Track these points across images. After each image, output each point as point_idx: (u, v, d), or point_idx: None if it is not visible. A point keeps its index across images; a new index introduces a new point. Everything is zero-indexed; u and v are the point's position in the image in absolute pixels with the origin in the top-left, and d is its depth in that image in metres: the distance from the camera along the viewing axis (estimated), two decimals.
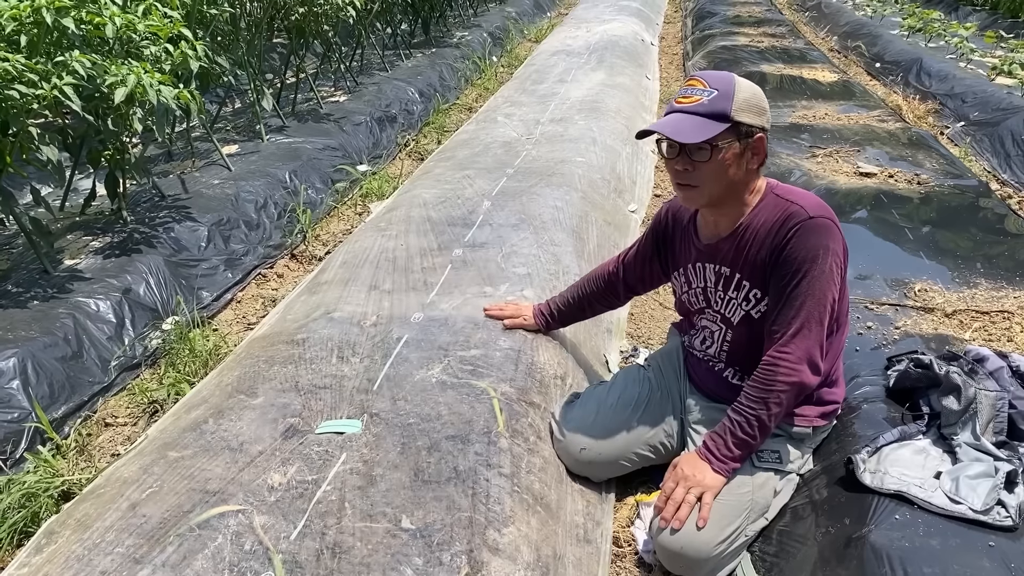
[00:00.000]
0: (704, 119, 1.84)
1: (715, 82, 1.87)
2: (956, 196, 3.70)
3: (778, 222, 1.90)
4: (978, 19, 9.37)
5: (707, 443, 1.93)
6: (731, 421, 1.91)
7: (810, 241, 1.85)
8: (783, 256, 1.88)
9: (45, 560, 1.77)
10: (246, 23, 5.08)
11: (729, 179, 1.90)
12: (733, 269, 2.01)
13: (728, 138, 1.84)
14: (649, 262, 2.31)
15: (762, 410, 1.87)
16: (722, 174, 1.88)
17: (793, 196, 1.93)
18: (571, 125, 5.17)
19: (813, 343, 1.87)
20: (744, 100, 1.84)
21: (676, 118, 1.87)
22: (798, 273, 1.86)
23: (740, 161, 1.89)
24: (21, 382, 2.54)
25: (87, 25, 3.15)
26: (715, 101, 1.84)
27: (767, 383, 1.87)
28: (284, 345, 2.55)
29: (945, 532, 1.70)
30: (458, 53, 8.20)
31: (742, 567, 1.92)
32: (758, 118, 1.87)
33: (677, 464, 1.94)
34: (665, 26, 11.41)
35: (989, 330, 2.60)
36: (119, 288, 3.11)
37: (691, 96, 1.87)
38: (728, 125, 1.83)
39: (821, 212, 1.87)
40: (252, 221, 4.00)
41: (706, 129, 1.82)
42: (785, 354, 1.86)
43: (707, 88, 1.86)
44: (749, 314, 2.01)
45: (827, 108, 5.46)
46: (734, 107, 1.83)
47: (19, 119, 2.81)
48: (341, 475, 1.90)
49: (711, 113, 1.84)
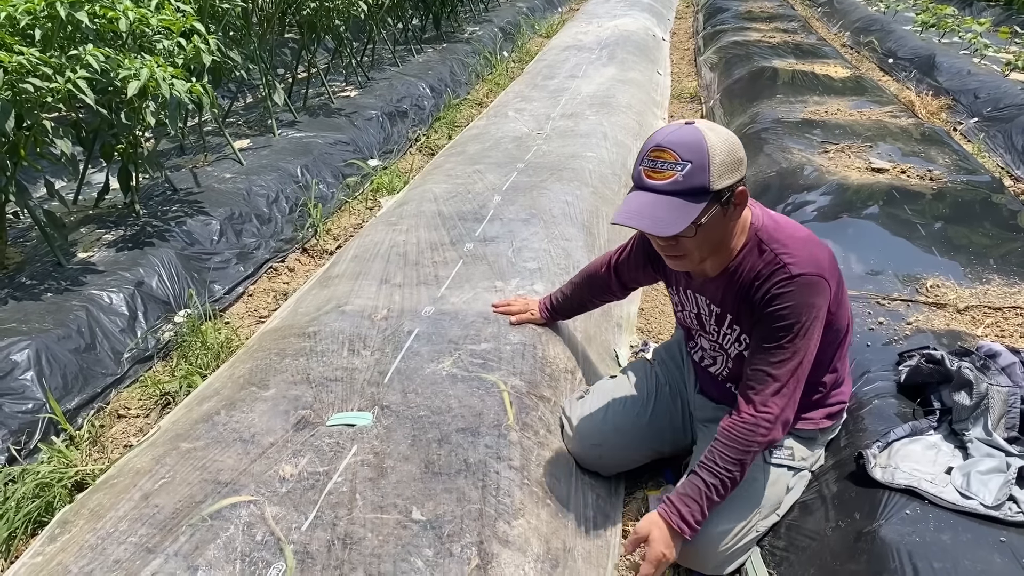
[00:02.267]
0: (681, 200, 1.66)
1: (686, 152, 1.66)
2: (969, 192, 3.68)
3: (764, 275, 1.79)
4: (992, 15, 9.30)
5: (680, 510, 1.79)
6: (706, 484, 1.78)
7: (796, 300, 1.75)
8: (767, 312, 1.79)
9: (59, 549, 1.79)
10: (258, 18, 5.10)
11: (716, 240, 1.79)
12: (724, 309, 1.94)
13: (710, 209, 1.69)
14: (642, 269, 2.25)
15: (737, 471, 1.78)
16: (708, 240, 1.76)
17: (779, 245, 1.80)
18: (582, 120, 5.17)
19: (792, 402, 1.79)
20: (720, 164, 1.66)
21: (649, 203, 1.69)
22: (781, 332, 1.76)
23: (724, 220, 1.75)
24: (35, 374, 2.56)
25: (100, 19, 3.18)
26: (691, 176, 1.65)
27: (745, 444, 1.77)
28: (295, 338, 2.56)
29: (956, 527, 1.70)
30: (469, 48, 8.20)
31: (752, 561, 1.92)
32: (736, 173, 1.70)
33: (649, 537, 1.79)
34: (677, 21, 11.38)
35: (1002, 326, 2.59)
36: (132, 281, 3.13)
37: (662, 172, 1.68)
38: (709, 198, 1.67)
39: (807, 268, 1.76)
40: (264, 215, 4.01)
41: (687, 212, 1.66)
42: (765, 414, 1.77)
43: (678, 161, 1.66)
44: (743, 353, 1.95)
45: (839, 104, 5.42)
46: (712, 178, 1.65)
47: (33, 113, 2.83)
48: (352, 467, 1.91)
49: (688, 191, 1.66)
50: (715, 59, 7.61)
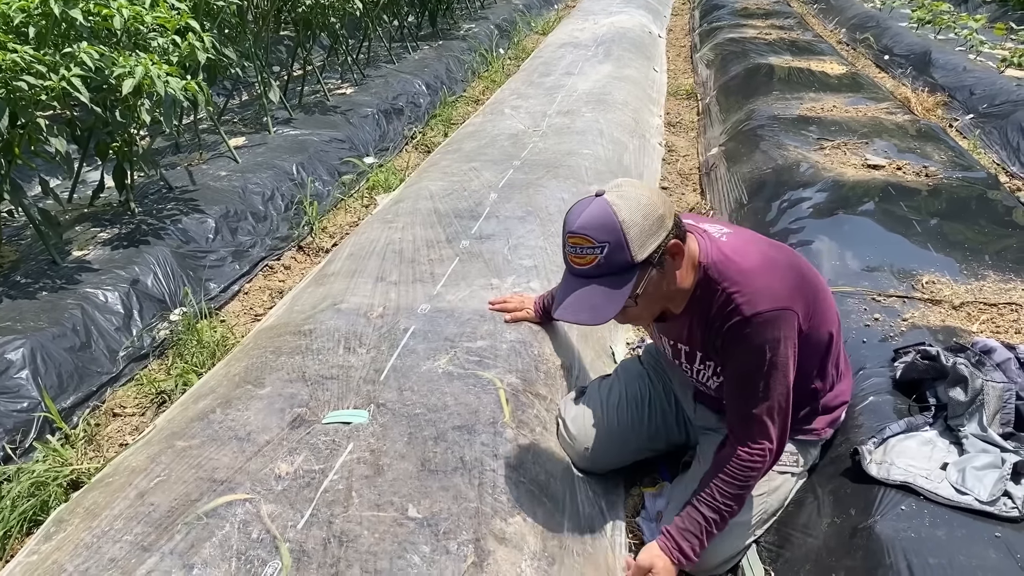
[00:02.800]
0: (610, 279, 1.66)
1: (599, 234, 1.64)
2: (965, 188, 3.68)
3: (719, 317, 1.76)
4: (988, 11, 9.31)
5: (681, 544, 1.81)
6: (705, 519, 1.79)
7: (757, 341, 1.72)
8: (732, 356, 1.78)
9: (54, 548, 1.79)
10: (253, 15, 5.09)
11: (663, 296, 1.78)
12: (692, 347, 1.93)
13: (643, 277, 1.68)
14: None
15: (736, 505, 1.80)
16: (655, 298, 1.76)
17: (730, 283, 1.74)
18: (578, 117, 5.16)
19: (783, 431, 1.79)
20: (638, 235, 1.63)
21: (583, 293, 1.68)
22: (751, 374, 1.75)
23: (663, 279, 1.73)
24: (31, 372, 2.56)
25: (95, 17, 3.17)
26: (611, 256, 1.64)
27: (743, 480, 1.78)
28: (291, 336, 2.55)
29: (951, 523, 1.70)
30: (465, 45, 8.18)
31: (748, 558, 1.92)
32: (659, 235, 1.66)
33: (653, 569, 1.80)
34: (673, 18, 11.37)
35: (997, 322, 2.59)
36: (127, 279, 3.13)
37: (584, 256, 1.66)
38: (637, 270, 1.66)
39: (762, 305, 1.71)
40: (259, 213, 4.01)
41: (618, 294, 1.66)
42: (758, 450, 1.77)
43: (595, 244, 1.64)
44: (722, 385, 1.93)
45: (835, 100, 5.43)
46: (633, 251, 1.64)
47: (28, 111, 2.82)
48: (348, 464, 1.91)
49: (614, 270, 1.66)
50: (711, 56, 7.61)
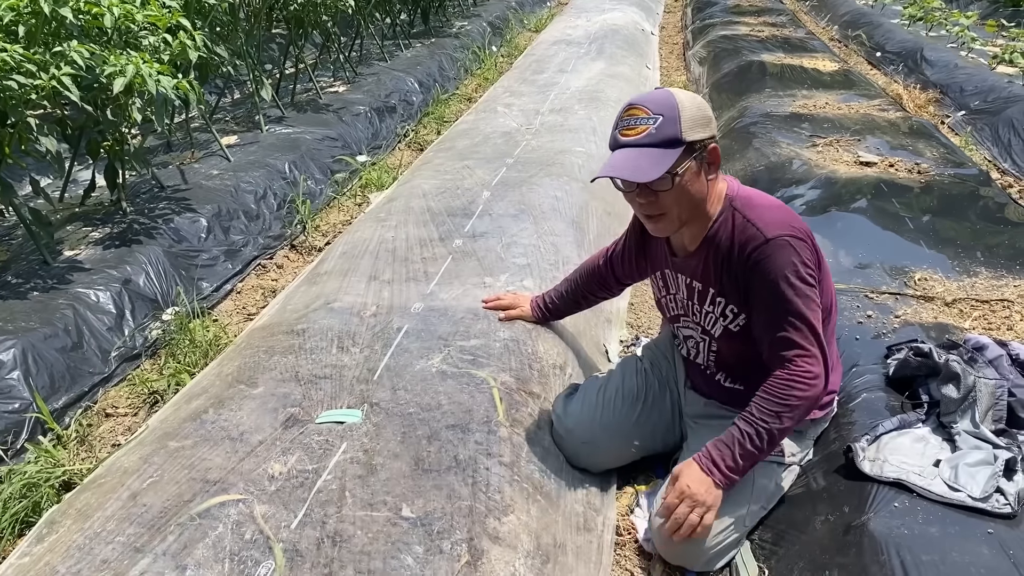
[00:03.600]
0: (657, 149, 1.77)
1: (657, 106, 1.79)
2: (957, 185, 3.69)
3: (738, 246, 1.85)
4: (979, 8, 9.33)
5: (712, 454, 1.83)
6: (740, 432, 1.81)
7: (774, 264, 1.79)
8: (755, 283, 1.83)
9: (47, 549, 1.78)
10: (245, 13, 5.06)
11: (693, 198, 1.84)
12: (705, 284, 1.97)
13: (684, 161, 1.78)
14: (635, 258, 2.27)
15: (775, 423, 1.78)
16: (686, 196, 1.83)
17: (750, 213, 1.86)
18: (571, 115, 5.16)
19: (819, 358, 1.81)
20: (691, 118, 1.77)
21: (628, 155, 1.80)
22: (775, 296, 1.80)
23: (699, 177, 1.83)
24: (22, 373, 2.54)
25: (85, 15, 3.15)
26: (663, 128, 1.77)
27: (783, 397, 1.79)
28: (284, 335, 2.55)
29: (944, 519, 1.71)
30: (458, 43, 8.17)
31: (741, 555, 1.92)
32: (706, 130, 1.81)
33: (678, 476, 1.84)
34: (665, 15, 11.38)
35: (989, 319, 2.60)
36: (119, 279, 3.11)
37: (636, 127, 1.80)
38: (683, 148, 1.77)
39: (778, 231, 1.81)
40: (252, 212, 3.99)
41: (663, 160, 1.76)
42: (798, 369, 1.79)
43: (650, 115, 1.78)
44: (728, 328, 1.97)
45: (828, 97, 5.44)
46: (683, 128, 1.76)
47: (18, 110, 2.80)
48: (341, 464, 1.91)
49: (662, 141, 1.77)
50: (704, 53, 7.62)
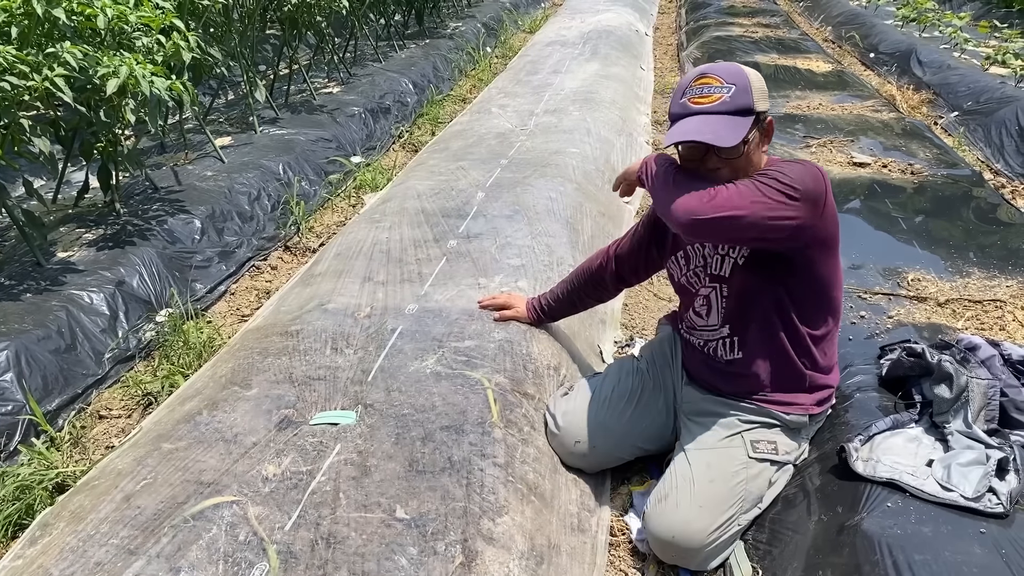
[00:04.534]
0: (732, 117, 1.83)
1: (729, 77, 1.86)
2: (949, 186, 3.71)
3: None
4: (972, 9, 9.36)
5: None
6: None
7: (786, 165, 1.87)
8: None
9: (40, 552, 1.77)
10: (239, 14, 5.05)
11: (752, 166, 1.91)
12: None
13: (753, 130, 1.87)
14: (646, 249, 2.28)
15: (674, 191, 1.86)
16: (748, 164, 1.90)
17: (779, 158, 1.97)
18: (565, 116, 5.16)
19: (717, 200, 1.79)
20: (759, 90, 1.87)
21: (704, 121, 1.84)
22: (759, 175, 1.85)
23: (759, 147, 1.92)
24: (15, 375, 2.53)
25: (78, 16, 3.14)
26: (736, 97, 1.84)
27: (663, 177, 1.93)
28: (278, 337, 2.54)
29: (937, 519, 1.71)
30: (452, 44, 8.17)
31: (735, 555, 1.93)
32: (767, 102, 1.90)
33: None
34: (659, 16, 11.39)
35: (982, 319, 2.61)
36: (112, 280, 3.11)
37: (709, 95, 1.85)
38: (753, 118, 1.85)
39: (804, 162, 1.89)
40: (246, 213, 3.99)
41: (739, 128, 1.83)
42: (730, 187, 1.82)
43: (724, 84, 1.85)
44: (736, 262, 1.98)
45: (821, 98, 5.46)
46: (754, 99, 1.85)
47: (10, 111, 2.79)
48: (335, 466, 1.90)
49: (737, 110, 1.83)
50: (698, 54, 7.63)
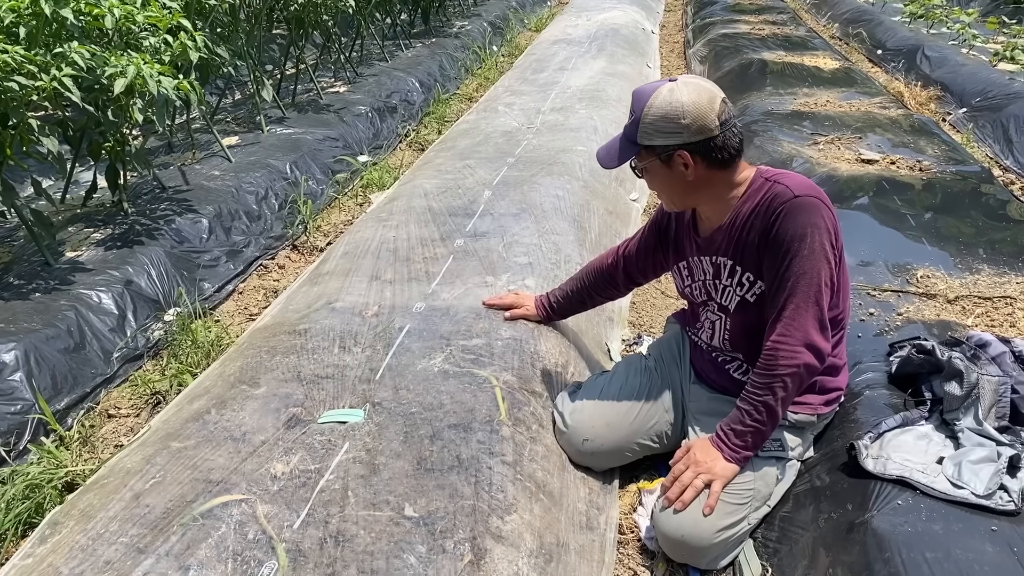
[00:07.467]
0: (625, 142, 1.92)
1: (636, 105, 1.88)
2: (958, 182, 3.69)
3: (763, 203, 1.89)
4: (980, 5, 9.32)
5: (719, 431, 1.92)
6: (740, 410, 1.90)
7: (797, 220, 1.82)
8: (772, 238, 1.86)
9: (50, 550, 1.78)
10: (245, 14, 5.06)
11: (680, 188, 1.94)
12: (727, 257, 2.00)
13: (648, 159, 1.90)
14: (652, 253, 2.28)
15: (768, 396, 1.85)
16: (667, 185, 1.95)
17: (781, 177, 1.92)
18: (572, 114, 5.16)
19: (810, 324, 1.83)
20: (652, 123, 1.85)
21: (613, 140, 1.96)
22: (788, 254, 1.83)
23: (675, 174, 1.90)
24: (24, 374, 2.54)
25: (86, 16, 3.15)
26: (630, 127, 1.90)
27: (770, 369, 1.85)
28: (286, 335, 2.55)
29: (947, 517, 1.70)
30: (458, 43, 8.17)
31: (745, 553, 1.92)
32: (673, 135, 1.84)
33: (690, 448, 1.94)
34: (666, 14, 11.37)
35: (992, 316, 2.60)
36: (121, 280, 3.11)
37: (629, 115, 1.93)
38: (639, 149, 1.90)
39: (807, 191, 1.85)
40: (253, 212, 3.99)
41: (625, 154, 1.92)
42: (783, 339, 1.84)
43: (631, 111, 1.90)
44: (744, 299, 1.99)
45: (829, 95, 5.43)
46: (640, 133, 1.87)
47: (19, 111, 2.80)
48: (344, 464, 1.91)
49: (627, 138, 1.92)
50: (704, 52, 7.61)
